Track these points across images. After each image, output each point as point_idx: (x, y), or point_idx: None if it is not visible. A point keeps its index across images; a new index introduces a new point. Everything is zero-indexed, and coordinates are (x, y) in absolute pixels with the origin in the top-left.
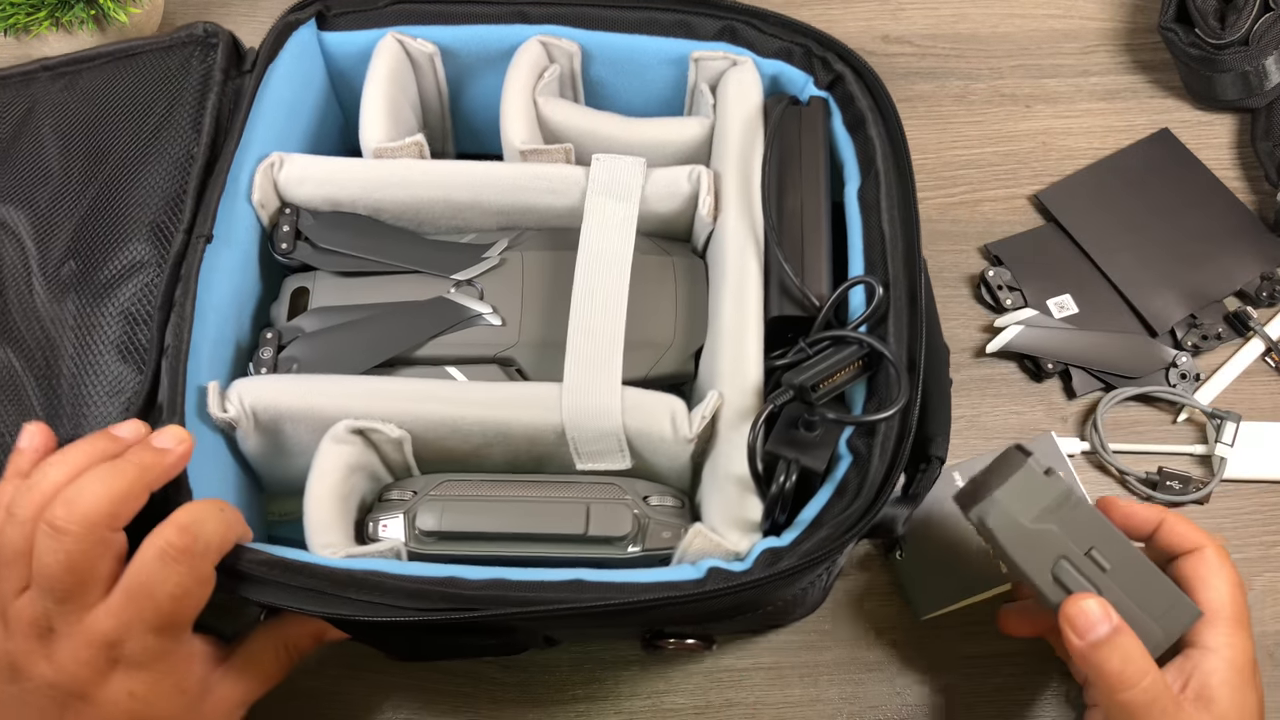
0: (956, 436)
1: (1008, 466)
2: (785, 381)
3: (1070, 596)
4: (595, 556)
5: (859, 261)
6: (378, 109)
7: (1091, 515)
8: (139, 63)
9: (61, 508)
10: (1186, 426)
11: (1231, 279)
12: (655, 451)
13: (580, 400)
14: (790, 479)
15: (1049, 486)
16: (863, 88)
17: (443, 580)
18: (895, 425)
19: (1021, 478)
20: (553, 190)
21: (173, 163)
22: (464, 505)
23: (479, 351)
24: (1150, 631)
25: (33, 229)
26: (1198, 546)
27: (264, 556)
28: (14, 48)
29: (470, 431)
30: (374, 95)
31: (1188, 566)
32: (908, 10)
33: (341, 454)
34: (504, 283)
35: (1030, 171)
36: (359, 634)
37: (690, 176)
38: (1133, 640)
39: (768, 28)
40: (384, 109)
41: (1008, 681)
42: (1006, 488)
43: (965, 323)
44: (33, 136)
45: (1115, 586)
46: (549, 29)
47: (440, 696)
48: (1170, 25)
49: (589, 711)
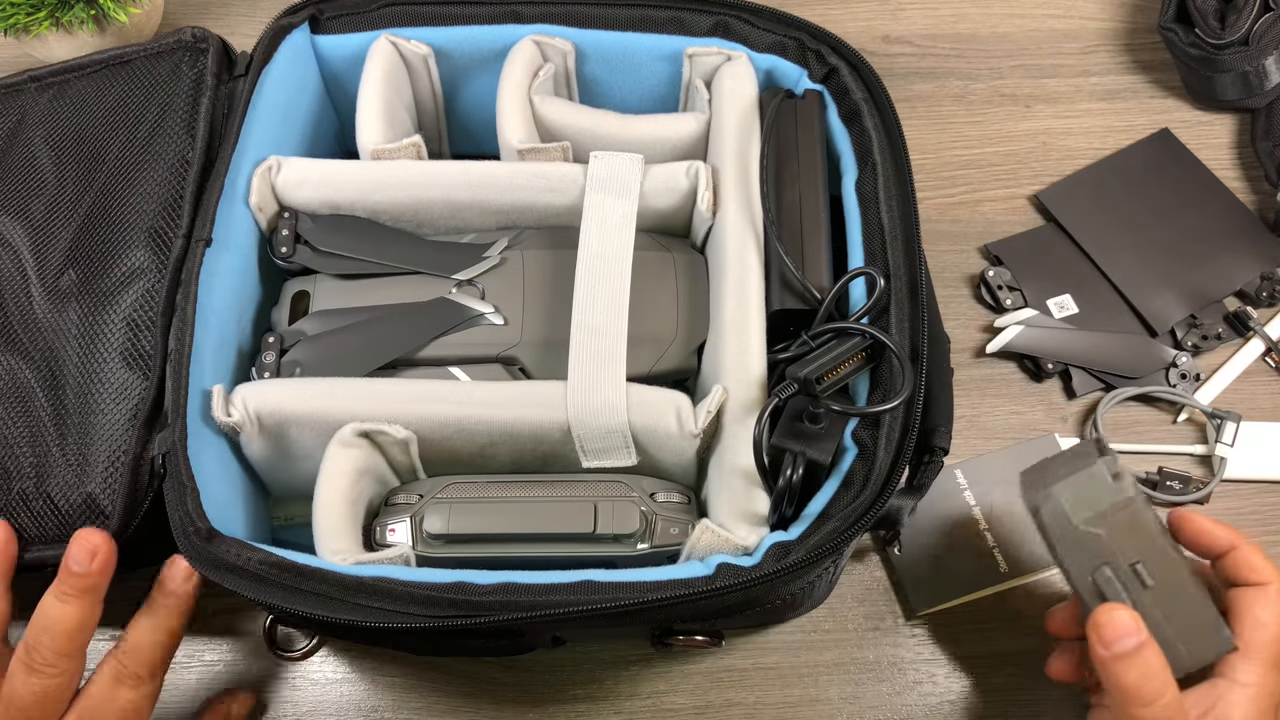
0: (957, 436)
1: (1078, 460)
2: (789, 375)
3: (1103, 604)
4: (604, 555)
5: (858, 253)
6: (374, 111)
7: (1149, 528)
8: (128, 70)
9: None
10: (1186, 426)
11: (1231, 279)
12: (661, 447)
13: (585, 398)
14: (797, 472)
15: (1111, 491)
16: (857, 80)
17: (452, 586)
18: (900, 416)
19: (1085, 477)
20: (552, 188)
21: (168, 168)
22: (471, 507)
23: (482, 351)
24: (1178, 654)
25: (29, 239)
26: (1263, 581)
27: (275, 559)
28: (14, 48)
29: (476, 431)
30: (370, 97)
31: (1247, 597)
32: (908, 10)
33: (349, 458)
34: (505, 282)
35: (1030, 171)
36: (367, 638)
37: (689, 172)
38: (1157, 656)
39: (761, 22)
40: (380, 111)
41: (1007, 681)
42: (1067, 483)
43: (965, 323)
44: (24, 147)
45: (1152, 604)
46: (542, 28)
47: (441, 696)
48: (1170, 25)
49: (589, 711)
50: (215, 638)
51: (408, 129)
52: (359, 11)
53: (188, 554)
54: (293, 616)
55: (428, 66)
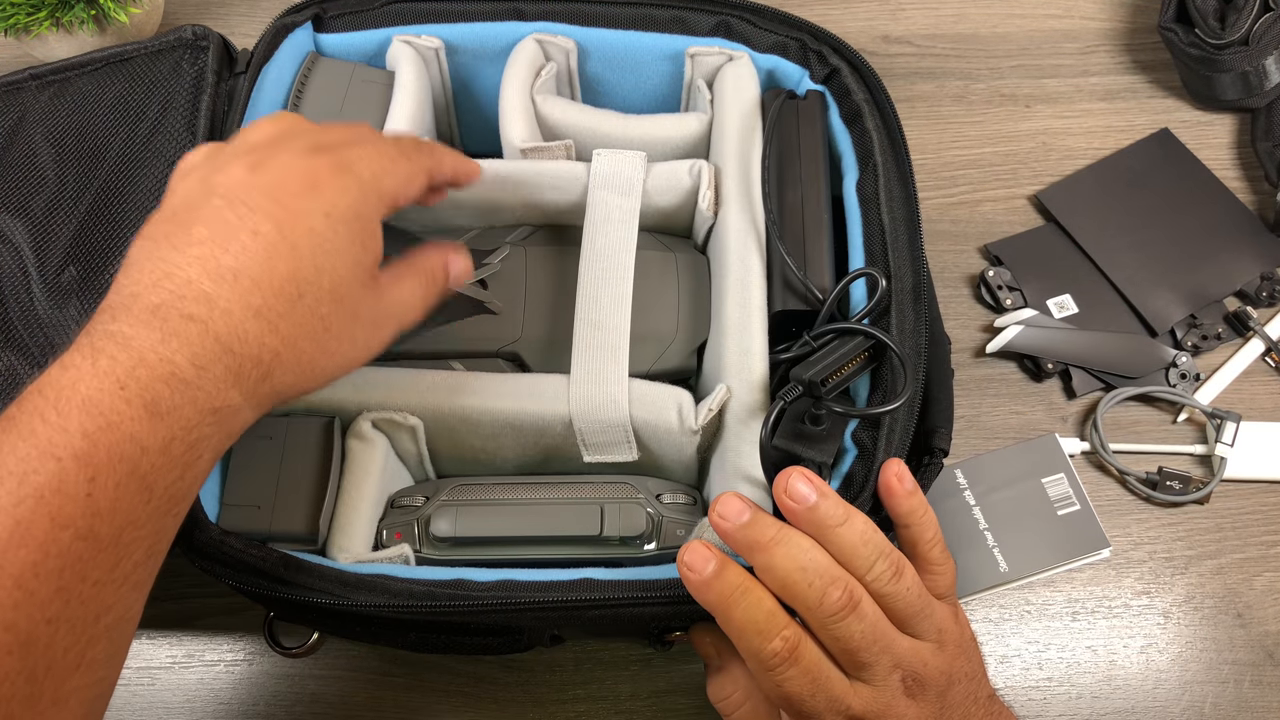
0: (957, 436)
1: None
2: (793, 376)
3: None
4: (611, 557)
5: (859, 254)
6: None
7: None
8: (129, 67)
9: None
10: (1186, 426)
11: (1231, 279)
12: (662, 443)
13: (587, 391)
14: None
15: None
16: (859, 81)
17: (451, 583)
18: (900, 417)
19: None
20: (555, 186)
21: (168, 165)
22: (477, 510)
23: (483, 345)
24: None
25: (30, 236)
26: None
27: (276, 554)
28: (14, 48)
29: (480, 422)
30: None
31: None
32: (908, 10)
33: (372, 457)
34: (507, 278)
35: (1030, 171)
36: (367, 634)
37: (691, 170)
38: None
39: (763, 22)
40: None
41: (1008, 682)
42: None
43: (965, 323)
44: (25, 145)
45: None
46: (545, 26)
47: (441, 696)
48: (1170, 25)
49: (589, 712)
50: (215, 637)
51: (431, 129)
52: (363, 10)
53: (187, 549)
54: (292, 608)
55: (439, 60)
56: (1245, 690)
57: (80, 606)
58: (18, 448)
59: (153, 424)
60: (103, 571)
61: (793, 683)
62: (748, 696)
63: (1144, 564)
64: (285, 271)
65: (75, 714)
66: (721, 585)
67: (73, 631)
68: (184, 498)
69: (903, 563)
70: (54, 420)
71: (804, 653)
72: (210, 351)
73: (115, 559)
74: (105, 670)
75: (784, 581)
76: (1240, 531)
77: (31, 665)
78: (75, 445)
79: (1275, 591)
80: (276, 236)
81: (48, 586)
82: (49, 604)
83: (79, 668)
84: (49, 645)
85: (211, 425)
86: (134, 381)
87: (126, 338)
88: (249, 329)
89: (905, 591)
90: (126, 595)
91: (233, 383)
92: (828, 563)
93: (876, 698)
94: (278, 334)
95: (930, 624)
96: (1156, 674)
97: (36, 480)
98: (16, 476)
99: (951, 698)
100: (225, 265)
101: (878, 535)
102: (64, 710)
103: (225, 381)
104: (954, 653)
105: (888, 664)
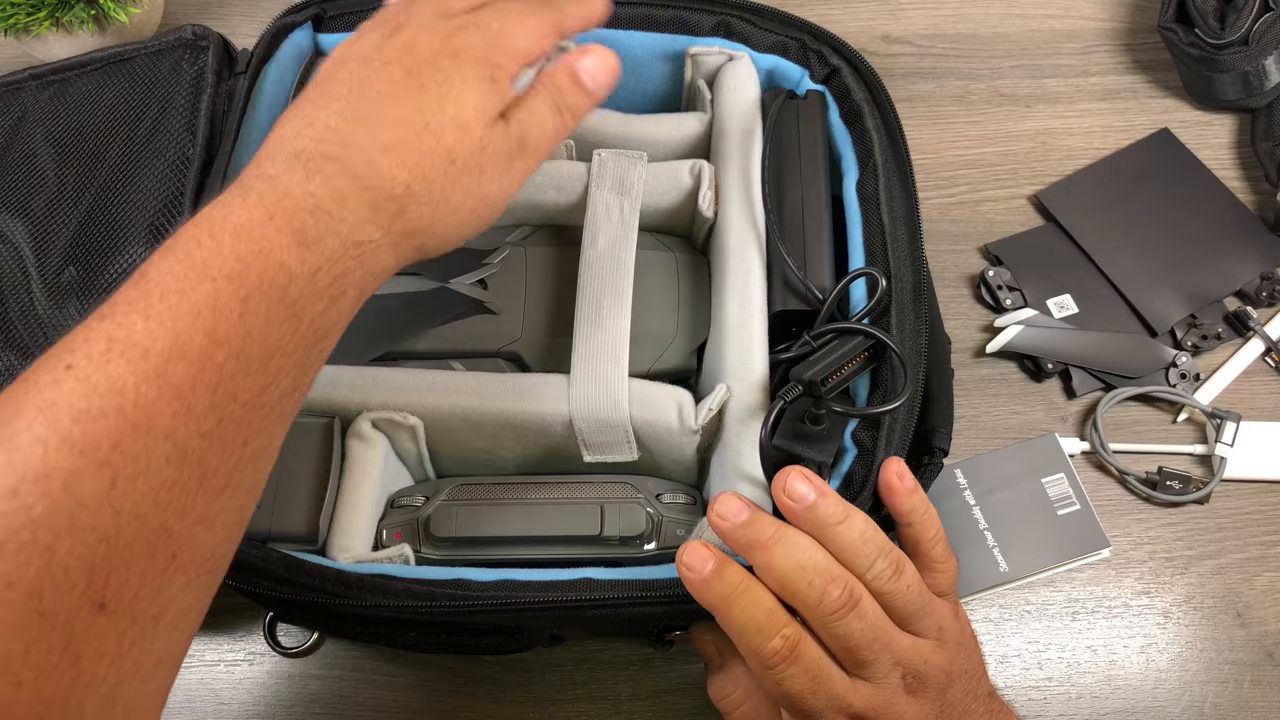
0: (957, 436)
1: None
2: (794, 376)
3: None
4: (611, 556)
5: (859, 254)
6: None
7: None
8: (129, 67)
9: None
10: (1186, 426)
11: (1231, 279)
12: (662, 443)
13: (587, 391)
14: None
15: None
16: (859, 80)
17: (451, 583)
18: (900, 417)
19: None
20: (556, 186)
21: (168, 165)
22: (477, 510)
23: (483, 345)
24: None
25: (30, 236)
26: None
27: (276, 554)
28: (14, 48)
29: (480, 422)
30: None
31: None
32: (908, 10)
33: (372, 458)
34: (507, 278)
35: (1030, 171)
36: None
37: (691, 170)
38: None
39: (763, 22)
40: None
41: (1008, 682)
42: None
43: (965, 323)
44: (25, 145)
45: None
46: None
47: (441, 697)
48: (1170, 25)
49: (589, 712)
50: (215, 637)
51: None
52: (363, 10)
53: None
54: (292, 608)
55: None
56: (1245, 690)
57: (231, 426)
58: (175, 269)
59: (300, 252)
60: (252, 394)
61: (793, 681)
62: (748, 695)
63: (1144, 564)
64: (412, 104)
65: (219, 536)
66: (721, 584)
67: (223, 451)
68: (329, 332)
69: (903, 560)
70: (209, 244)
71: (804, 651)
72: (348, 187)
73: (264, 383)
74: (247, 498)
75: (783, 580)
76: (1240, 531)
77: (186, 477)
78: (229, 267)
79: (1275, 591)
80: (405, 78)
81: (203, 401)
82: (204, 419)
83: (225, 489)
84: (202, 460)
85: (355, 259)
86: (281, 212)
87: (272, 177)
88: (380, 164)
89: (905, 589)
90: (272, 425)
91: (370, 217)
92: (827, 561)
93: (877, 695)
94: (405, 166)
95: (930, 622)
96: (1156, 674)
97: (194, 298)
98: (176, 294)
99: (952, 695)
100: (358, 110)
101: (878, 533)
102: (210, 531)
103: (363, 216)
104: (954, 650)
105: (888, 662)
